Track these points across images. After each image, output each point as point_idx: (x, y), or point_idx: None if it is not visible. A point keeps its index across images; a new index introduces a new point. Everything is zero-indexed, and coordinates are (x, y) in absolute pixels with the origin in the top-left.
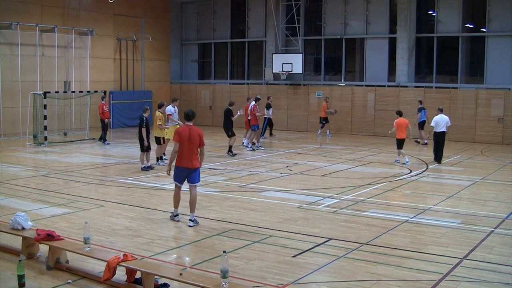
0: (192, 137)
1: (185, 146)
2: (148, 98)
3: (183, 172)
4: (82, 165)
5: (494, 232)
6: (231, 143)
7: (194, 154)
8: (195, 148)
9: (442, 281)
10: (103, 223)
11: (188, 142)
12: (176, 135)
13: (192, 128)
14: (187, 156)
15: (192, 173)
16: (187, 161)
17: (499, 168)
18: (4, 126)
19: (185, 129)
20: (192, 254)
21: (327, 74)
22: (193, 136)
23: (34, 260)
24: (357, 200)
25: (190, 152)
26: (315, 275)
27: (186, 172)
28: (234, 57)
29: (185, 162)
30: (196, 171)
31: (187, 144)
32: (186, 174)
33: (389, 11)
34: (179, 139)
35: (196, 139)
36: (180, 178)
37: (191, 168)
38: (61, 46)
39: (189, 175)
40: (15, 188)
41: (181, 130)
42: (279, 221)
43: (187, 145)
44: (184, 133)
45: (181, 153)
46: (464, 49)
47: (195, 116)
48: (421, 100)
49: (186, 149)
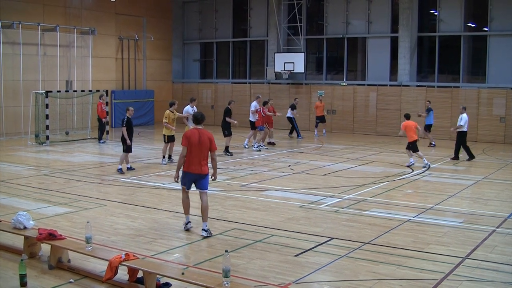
0: (202, 141)
1: (194, 151)
2: (150, 98)
3: (191, 177)
4: (84, 164)
5: (496, 231)
6: (227, 143)
7: (204, 159)
8: (206, 153)
9: (444, 280)
10: (105, 223)
11: (198, 147)
12: (184, 139)
13: (202, 131)
14: (197, 161)
15: (201, 180)
16: (197, 167)
17: (501, 167)
18: (6, 125)
19: (195, 133)
20: (194, 253)
21: (329, 74)
22: (203, 140)
23: (36, 260)
24: (359, 199)
25: (200, 157)
26: (317, 275)
27: (194, 178)
28: (236, 56)
29: (194, 168)
30: (205, 177)
31: (197, 148)
32: (194, 180)
33: (391, 10)
34: (187, 144)
35: (206, 143)
36: (188, 183)
37: (201, 174)
38: (63, 46)
39: (197, 181)
40: (17, 188)
41: (190, 134)
42: (281, 220)
43: (197, 149)
44: (193, 137)
45: (190, 158)
46: (466, 48)
47: (205, 119)
48: (429, 100)
49: (195, 154)
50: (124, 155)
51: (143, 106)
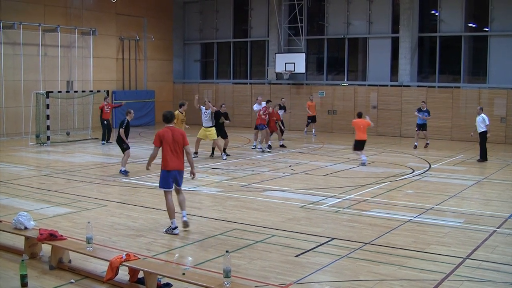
0: (176, 138)
1: (170, 148)
2: (150, 98)
3: (172, 174)
4: (85, 164)
5: (497, 231)
6: (224, 145)
7: (181, 155)
8: (181, 148)
9: (445, 281)
10: (106, 223)
11: (173, 144)
12: (157, 138)
13: (174, 129)
14: (175, 158)
15: (180, 176)
16: (176, 163)
17: (502, 167)
18: (6, 126)
19: (167, 131)
20: (195, 254)
21: (329, 74)
22: (176, 137)
23: (36, 260)
24: (360, 199)
25: (177, 153)
26: (318, 275)
27: (174, 174)
28: (236, 56)
29: (173, 165)
30: (182, 173)
31: (172, 145)
32: (174, 176)
33: (392, 11)
34: (159, 144)
35: (180, 140)
36: (169, 183)
37: (180, 170)
38: (64, 46)
39: (176, 178)
40: (18, 188)
41: (163, 133)
42: (282, 220)
43: (173, 146)
44: (167, 136)
45: (168, 156)
46: (466, 49)
47: (175, 118)
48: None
49: (172, 151)
50: (126, 154)
51: (143, 107)
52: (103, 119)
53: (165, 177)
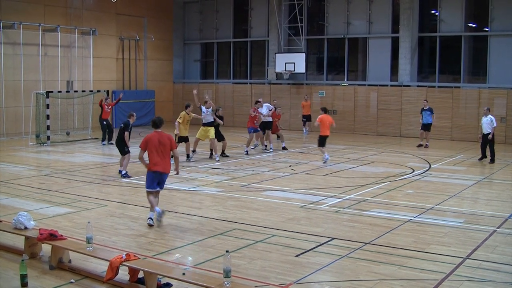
0: (162, 142)
1: (156, 152)
2: (150, 98)
3: (157, 176)
4: (85, 164)
5: (497, 231)
6: (223, 147)
7: (167, 158)
8: (168, 152)
9: (445, 281)
10: (106, 223)
11: (160, 148)
12: (143, 142)
13: (161, 134)
14: (161, 160)
15: (164, 178)
16: (161, 166)
17: (502, 167)
18: (6, 126)
19: (154, 136)
20: (195, 254)
21: (329, 74)
22: (163, 141)
23: (36, 260)
24: (360, 199)
25: (163, 156)
26: (318, 275)
27: (159, 176)
28: (236, 56)
29: (158, 167)
30: (167, 175)
31: (158, 148)
32: (159, 178)
33: (392, 11)
34: (145, 147)
35: (167, 143)
36: (154, 184)
37: (165, 173)
38: (64, 46)
39: (160, 179)
40: (18, 188)
41: (149, 138)
42: (282, 220)
43: (159, 149)
44: (153, 140)
45: (153, 159)
46: (466, 49)
47: (163, 123)
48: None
49: (158, 154)
50: (127, 157)
51: (144, 107)
52: (103, 119)
53: (150, 177)
